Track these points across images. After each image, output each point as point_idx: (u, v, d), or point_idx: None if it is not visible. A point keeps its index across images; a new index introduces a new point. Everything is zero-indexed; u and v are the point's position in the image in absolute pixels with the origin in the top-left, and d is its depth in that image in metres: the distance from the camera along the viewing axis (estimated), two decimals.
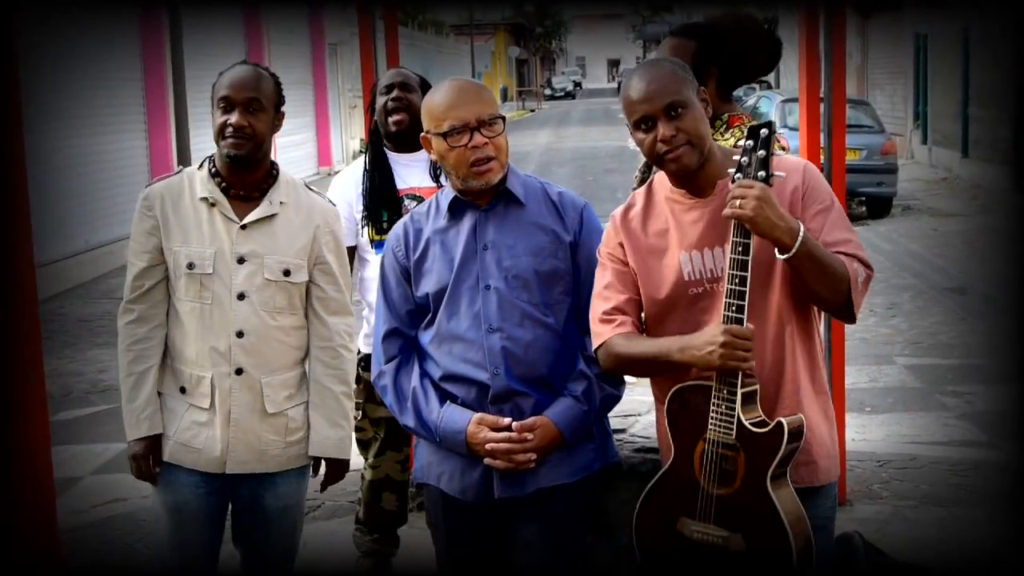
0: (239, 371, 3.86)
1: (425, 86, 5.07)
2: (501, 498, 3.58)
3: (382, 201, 4.99)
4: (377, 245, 4.96)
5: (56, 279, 13.85)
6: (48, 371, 3.18)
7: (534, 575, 3.61)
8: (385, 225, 4.94)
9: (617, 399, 3.66)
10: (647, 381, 4.48)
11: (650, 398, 4.37)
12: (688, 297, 3.37)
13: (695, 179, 3.36)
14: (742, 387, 3.19)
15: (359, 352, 5.13)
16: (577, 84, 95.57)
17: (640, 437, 4.06)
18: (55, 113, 14.79)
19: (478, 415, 3.55)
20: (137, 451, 3.87)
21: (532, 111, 64.10)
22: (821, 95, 5.98)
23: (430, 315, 3.67)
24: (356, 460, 5.54)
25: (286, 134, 25.54)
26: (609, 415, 3.89)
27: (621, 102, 3.42)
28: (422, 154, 4.98)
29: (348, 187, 5.10)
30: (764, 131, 3.20)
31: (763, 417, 3.24)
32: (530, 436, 3.51)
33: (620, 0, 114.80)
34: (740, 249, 3.17)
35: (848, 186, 5.93)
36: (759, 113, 19.93)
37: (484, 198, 3.64)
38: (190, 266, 3.82)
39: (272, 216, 3.89)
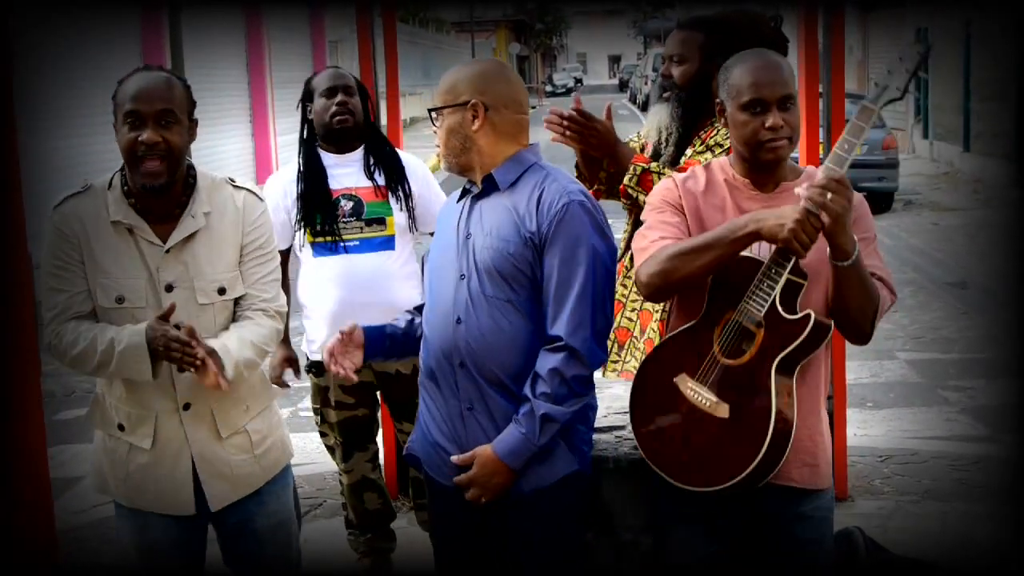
0: (187, 406, 3.58)
1: (361, 86, 5.08)
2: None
3: (316, 204, 4.93)
4: (315, 247, 4.93)
5: None
6: (50, 370, 3.18)
7: (527, 572, 3.58)
8: (319, 228, 4.91)
9: (566, 415, 3.45)
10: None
11: None
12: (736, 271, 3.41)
13: (770, 175, 3.48)
14: (791, 273, 3.27)
15: (306, 358, 5.13)
16: (578, 80, 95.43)
17: None
18: (54, 113, 14.77)
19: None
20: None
21: (533, 108, 64.09)
22: (820, 90, 5.97)
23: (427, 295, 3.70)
24: (333, 465, 5.55)
25: (287, 132, 25.53)
26: (606, 413, 3.88)
27: (727, 81, 3.46)
28: (357, 154, 5.00)
29: (280, 191, 5.03)
30: (921, 48, 3.37)
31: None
32: (470, 472, 3.49)
33: None
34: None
35: (850, 181, 5.91)
36: None
37: (476, 182, 3.63)
38: (119, 300, 3.47)
39: (195, 233, 3.54)
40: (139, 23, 18.27)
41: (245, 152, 23.78)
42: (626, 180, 4.34)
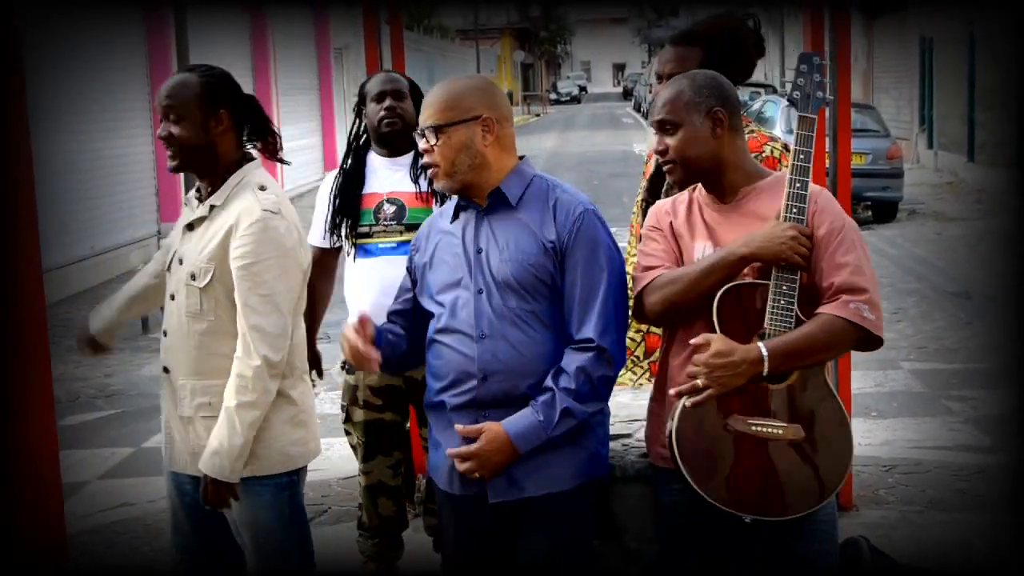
0: (165, 369, 3.89)
1: (415, 89, 5.14)
2: (495, 502, 3.57)
3: (341, 210, 5.05)
4: (355, 249, 5.03)
5: (62, 284, 13.87)
6: (55, 376, 3.18)
7: None
8: (350, 231, 5.04)
9: (584, 414, 3.51)
10: (651, 386, 4.48)
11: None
12: None
13: (713, 187, 3.57)
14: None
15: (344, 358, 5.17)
16: (582, 88, 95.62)
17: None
18: (58, 115, 14.78)
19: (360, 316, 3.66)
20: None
21: (538, 115, 64.13)
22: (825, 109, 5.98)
23: (433, 313, 3.68)
24: (354, 465, 5.56)
25: (292, 139, 25.56)
26: (614, 420, 3.89)
27: None
28: (407, 158, 5.06)
29: (330, 189, 5.17)
30: (816, 58, 3.61)
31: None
32: (474, 445, 3.50)
33: (625, 4, 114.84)
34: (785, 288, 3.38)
35: (853, 190, 5.93)
36: (764, 117, 19.95)
37: (480, 198, 3.63)
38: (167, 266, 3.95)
39: (202, 219, 3.85)
40: (144, 29, 18.30)
41: None
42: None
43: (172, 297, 3.84)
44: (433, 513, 5.13)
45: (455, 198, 3.72)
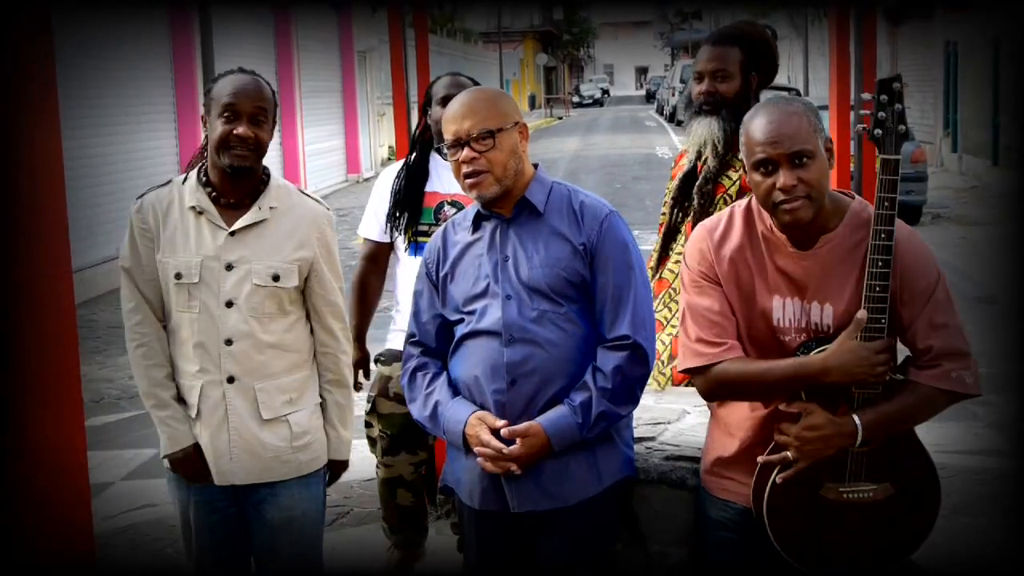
0: (231, 379, 3.83)
1: None
2: (519, 512, 3.59)
3: (404, 205, 5.06)
4: (411, 245, 5.03)
5: (87, 285, 13.93)
6: (80, 377, 3.21)
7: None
8: (409, 227, 5.05)
9: (619, 416, 3.58)
10: (677, 390, 4.48)
11: (679, 406, 4.37)
12: (778, 342, 3.34)
13: (802, 233, 3.28)
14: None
15: (384, 348, 5.19)
16: (605, 91, 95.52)
17: (670, 445, 4.05)
18: (82, 116, 14.84)
19: (480, 412, 3.56)
20: (187, 455, 3.90)
21: (560, 118, 64.11)
22: (852, 104, 5.96)
23: (458, 323, 3.68)
24: (360, 474, 5.55)
25: (314, 141, 25.63)
26: (637, 423, 3.90)
27: (742, 137, 3.31)
28: None
29: (390, 183, 5.17)
30: (896, 84, 3.22)
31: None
32: (515, 447, 3.50)
33: (649, 8, 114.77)
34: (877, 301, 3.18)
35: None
36: None
37: (505, 208, 3.64)
38: (177, 276, 3.80)
39: (262, 222, 3.86)
40: (169, 25, 18.36)
41: (273, 159, 23.86)
42: None
43: (230, 304, 3.81)
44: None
45: (470, 211, 3.75)
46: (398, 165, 5.22)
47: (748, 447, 3.38)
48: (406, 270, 5.07)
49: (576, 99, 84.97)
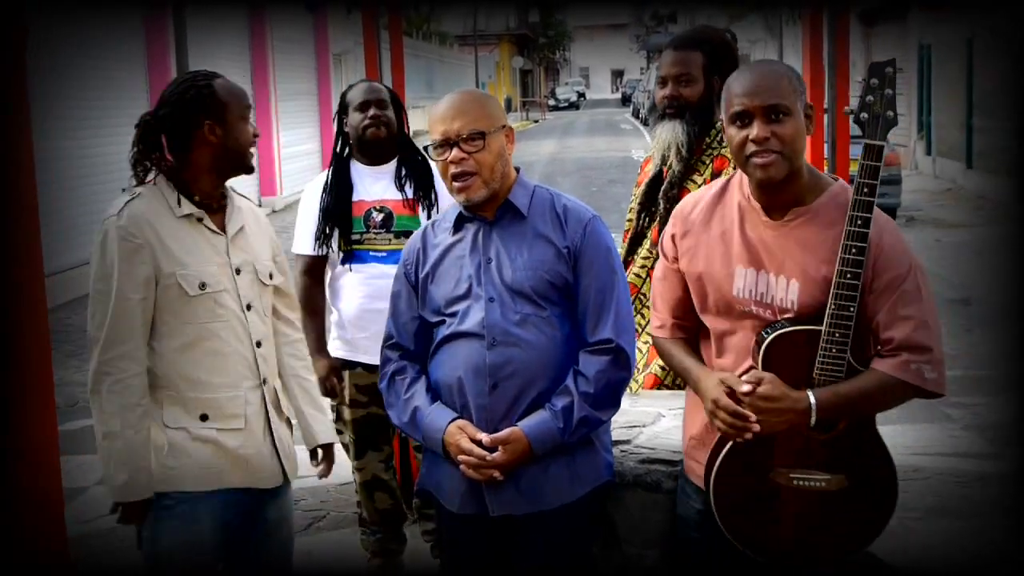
0: (264, 381, 3.83)
1: (395, 98, 5.27)
2: (497, 515, 3.58)
3: (335, 218, 5.11)
4: (344, 256, 5.10)
5: (62, 289, 13.85)
6: (54, 381, 3.19)
7: None
8: (342, 239, 5.09)
9: (600, 422, 3.60)
10: (652, 392, 4.48)
11: (654, 409, 4.37)
12: (736, 312, 3.34)
13: (775, 198, 3.26)
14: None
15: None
16: (581, 95, 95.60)
17: (645, 448, 4.05)
18: (57, 118, 14.76)
19: (461, 421, 3.55)
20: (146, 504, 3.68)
21: (536, 122, 64.15)
22: (825, 106, 5.99)
23: (438, 325, 3.68)
24: (336, 478, 5.54)
25: (290, 144, 25.58)
26: (613, 427, 3.90)
27: (724, 95, 3.31)
28: (390, 166, 5.17)
29: (316, 197, 5.21)
30: (889, 69, 3.18)
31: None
32: (498, 455, 3.49)
33: (624, 10, 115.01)
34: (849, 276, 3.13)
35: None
36: None
37: (488, 210, 3.64)
38: (202, 286, 3.67)
39: (244, 225, 3.88)
40: (143, 32, 18.31)
41: None
42: None
43: (249, 307, 3.80)
44: (429, 519, 5.15)
45: (450, 212, 3.74)
46: (320, 179, 5.25)
47: (710, 424, 3.35)
48: (343, 280, 5.15)
49: (552, 102, 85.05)
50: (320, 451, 4.14)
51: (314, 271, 5.25)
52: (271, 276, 3.92)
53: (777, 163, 3.16)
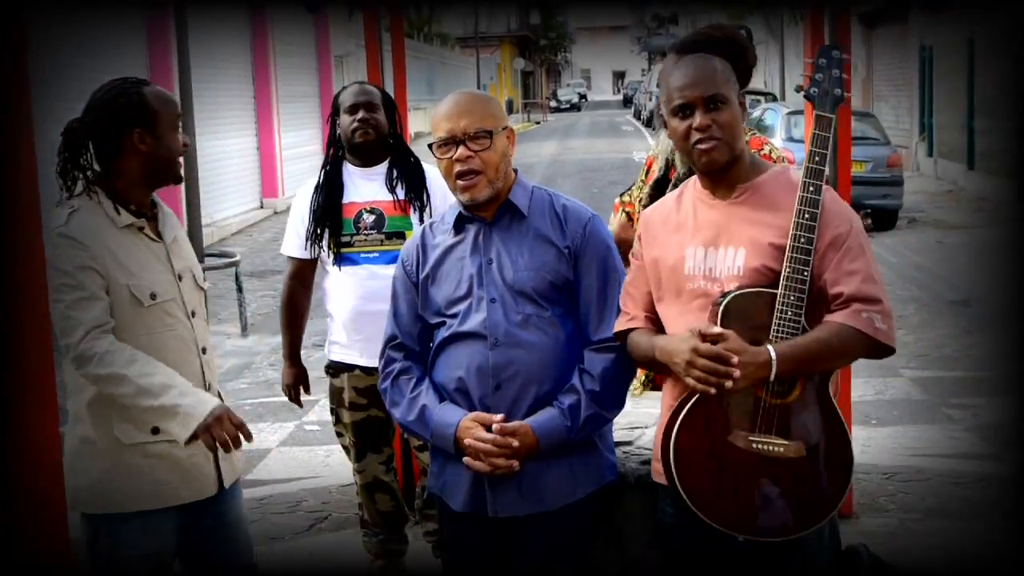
0: (208, 387, 3.77)
1: (388, 100, 5.26)
2: (501, 516, 3.59)
3: (325, 220, 5.12)
4: (336, 258, 5.09)
5: None
6: (56, 381, 3.19)
7: None
8: (333, 241, 5.09)
9: (606, 420, 3.63)
10: (654, 394, 4.50)
11: (656, 410, 4.37)
12: (686, 292, 3.40)
13: (720, 180, 3.40)
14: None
15: (327, 360, 5.24)
16: (582, 96, 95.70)
17: (647, 449, 4.06)
18: (57, 117, 14.76)
19: (475, 413, 3.55)
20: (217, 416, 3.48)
21: (537, 123, 64.16)
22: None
23: (439, 326, 3.68)
24: (338, 479, 5.58)
25: (292, 146, 25.58)
26: (615, 428, 3.90)
27: (662, 89, 3.47)
28: (381, 168, 5.17)
29: (308, 200, 5.22)
30: (836, 52, 3.44)
31: None
32: (514, 442, 3.49)
33: (626, 12, 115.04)
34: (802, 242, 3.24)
35: (853, 198, 5.93)
36: (764, 125, 19.95)
37: (488, 211, 3.64)
38: (152, 296, 3.62)
39: (175, 232, 3.84)
40: (145, 33, 18.32)
41: (250, 164, 23.82)
42: None
43: (193, 313, 3.77)
44: (431, 519, 5.15)
45: (449, 213, 3.74)
46: (312, 181, 5.27)
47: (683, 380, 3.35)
48: (334, 282, 5.15)
49: (553, 104, 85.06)
50: None
51: (300, 275, 5.27)
52: (204, 279, 3.90)
53: (719, 148, 3.34)
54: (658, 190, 4.74)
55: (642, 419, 4.36)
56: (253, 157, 24.01)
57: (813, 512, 3.31)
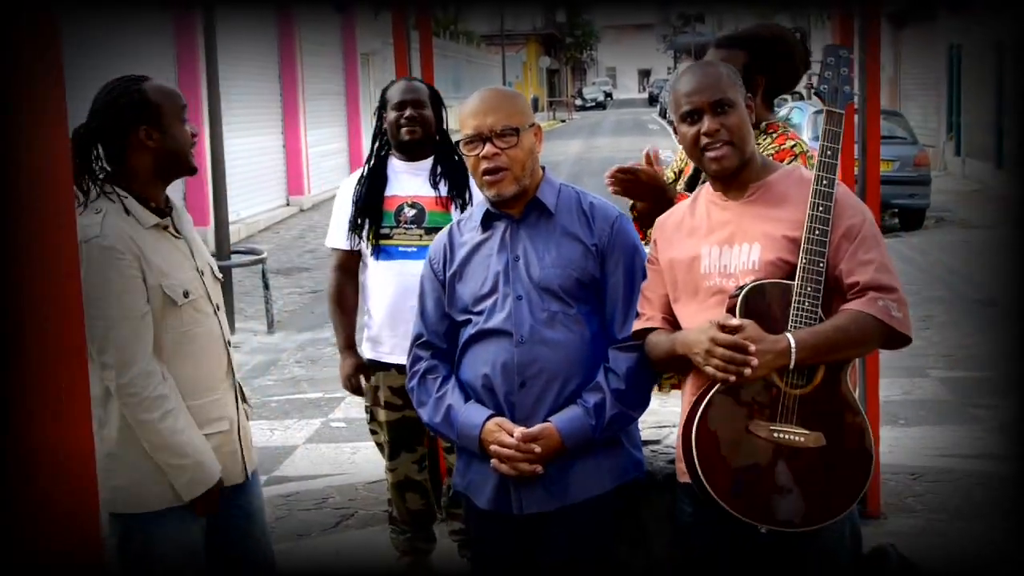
0: (233, 378, 3.85)
1: (435, 96, 5.26)
2: (526, 513, 3.59)
3: (366, 212, 5.13)
4: (374, 251, 5.11)
5: None
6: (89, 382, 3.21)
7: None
8: (370, 233, 5.11)
9: (631, 419, 3.63)
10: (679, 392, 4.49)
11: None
12: (703, 291, 3.42)
13: (732, 182, 3.43)
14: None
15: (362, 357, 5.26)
16: (608, 94, 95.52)
17: (673, 448, 4.05)
18: (82, 119, 14.82)
19: (499, 418, 3.56)
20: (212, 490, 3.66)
21: (563, 121, 64.14)
22: (855, 106, 5.97)
23: (465, 324, 3.69)
24: (379, 469, 5.58)
25: (318, 144, 25.64)
26: (642, 426, 3.90)
27: (670, 97, 3.51)
28: (426, 163, 5.18)
29: (352, 191, 5.24)
30: (843, 51, 3.47)
31: None
32: (536, 448, 3.50)
33: (651, 10, 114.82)
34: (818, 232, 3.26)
35: (881, 197, 5.91)
36: (792, 124, 19.92)
37: (516, 208, 3.65)
38: (186, 294, 3.64)
39: (190, 227, 3.87)
40: (173, 31, 18.39)
41: (276, 161, 23.89)
42: None
43: (218, 307, 3.81)
44: (457, 518, 5.16)
45: (476, 210, 3.76)
46: (357, 175, 5.29)
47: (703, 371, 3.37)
48: (373, 276, 5.16)
49: (579, 102, 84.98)
50: None
51: (345, 266, 5.27)
52: (219, 272, 3.94)
53: (729, 153, 3.38)
54: (692, 183, 4.72)
55: (669, 418, 4.36)
56: (279, 155, 24.08)
57: (833, 503, 3.31)
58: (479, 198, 4.23)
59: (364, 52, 30.81)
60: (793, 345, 3.20)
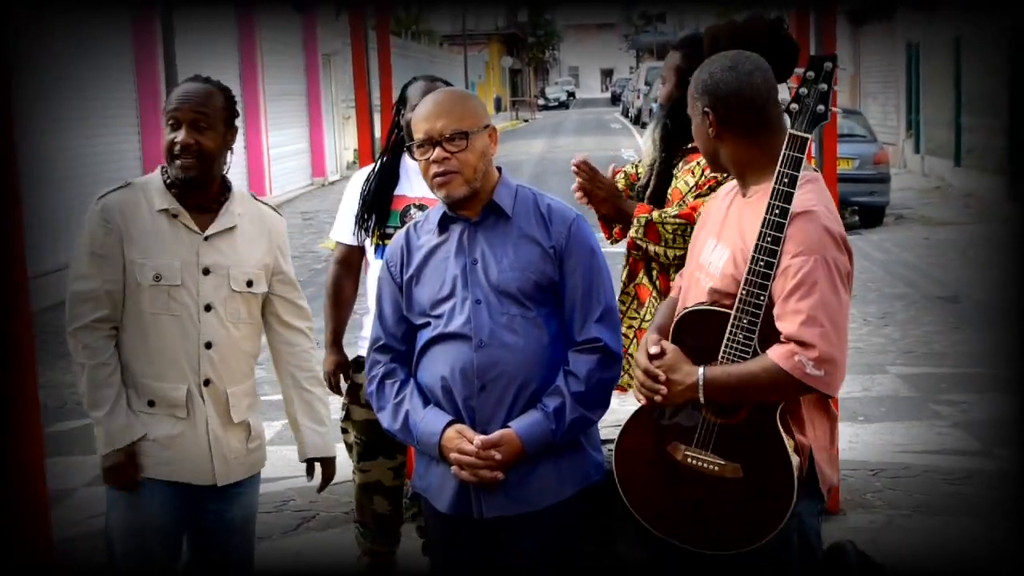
0: (207, 382, 3.88)
1: None
2: (487, 517, 3.58)
3: (372, 208, 5.05)
4: (378, 249, 5.03)
5: (50, 290, 13.81)
6: (41, 382, 3.22)
7: None
8: (375, 231, 5.03)
9: (591, 422, 3.62)
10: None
11: None
12: (692, 279, 3.48)
13: (739, 180, 3.43)
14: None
15: (355, 356, 5.19)
16: (570, 94, 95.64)
17: None
18: (43, 118, 14.69)
19: (459, 425, 3.54)
20: (118, 461, 3.83)
21: (526, 121, 64.16)
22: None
23: (423, 327, 3.67)
24: (343, 471, 5.53)
25: (279, 145, 25.56)
26: (601, 426, 3.90)
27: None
28: None
29: (360, 187, 5.16)
30: (828, 64, 3.25)
31: None
32: (496, 455, 3.48)
33: (613, 10, 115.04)
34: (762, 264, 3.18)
35: (841, 195, 5.94)
36: None
37: (472, 210, 3.63)
38: (157, 278, 3.80)
39: (232, 228, 3.93)
40: (131, 32, 18.28)
41: (237, 161, 23.75)
42: (632, 232, 4.46)
43: (208, 308, 3.86)
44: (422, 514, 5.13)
45: (433, 213, 3.73)
46: (369, 168, 5.20)
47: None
48: (373, 275, 5.04)
49: (542, 102, 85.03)
50: (316, 464, 4.17)
51: (347, 261, 5.18)
52: (250, 284, 3.95)
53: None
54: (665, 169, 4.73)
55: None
56: (240, 155, 23.97)
57: (744, 533, 3.28)
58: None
59: (326, 53, 30.72)
60: (701, 382, 3.21)
